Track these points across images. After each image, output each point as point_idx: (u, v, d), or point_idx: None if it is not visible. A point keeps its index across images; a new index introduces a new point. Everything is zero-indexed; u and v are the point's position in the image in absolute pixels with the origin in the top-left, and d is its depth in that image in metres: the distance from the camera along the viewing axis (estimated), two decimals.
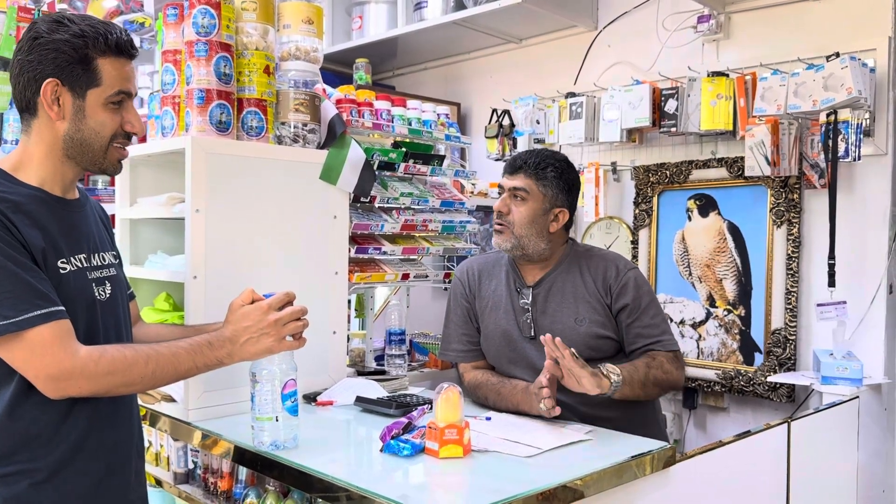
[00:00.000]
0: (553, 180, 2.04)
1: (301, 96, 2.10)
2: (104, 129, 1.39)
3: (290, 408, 1.59)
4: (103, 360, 1.30)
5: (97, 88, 1.36)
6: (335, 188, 2.14)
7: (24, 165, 1.38)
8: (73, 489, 1.36)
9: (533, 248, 2.04)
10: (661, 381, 1.94)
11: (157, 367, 1.36)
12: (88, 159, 1.40)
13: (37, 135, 1.38)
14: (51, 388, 1.28)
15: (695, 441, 2.98)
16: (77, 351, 1.28)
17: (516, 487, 1.36)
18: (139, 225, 2.19)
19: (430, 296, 3.48)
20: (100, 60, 1.36)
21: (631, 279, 2.05)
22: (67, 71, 1.34)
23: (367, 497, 1.33)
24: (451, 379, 2.07)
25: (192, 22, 1.91)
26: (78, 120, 1.36)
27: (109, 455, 1.42)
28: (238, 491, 1.98)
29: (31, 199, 1.34)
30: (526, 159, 2.06)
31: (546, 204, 2.04)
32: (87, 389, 1.30)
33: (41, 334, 1.25)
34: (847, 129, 2.43)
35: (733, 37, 2.92)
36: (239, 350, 1.48)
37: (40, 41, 1.34)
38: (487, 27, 3.47)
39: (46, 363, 1.26)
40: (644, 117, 2.92)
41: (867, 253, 2.57)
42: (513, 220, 2.03)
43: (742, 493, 1.89)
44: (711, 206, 2.94)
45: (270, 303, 1.52)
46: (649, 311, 2.04)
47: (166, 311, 2.03)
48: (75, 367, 1.27)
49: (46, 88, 1.33)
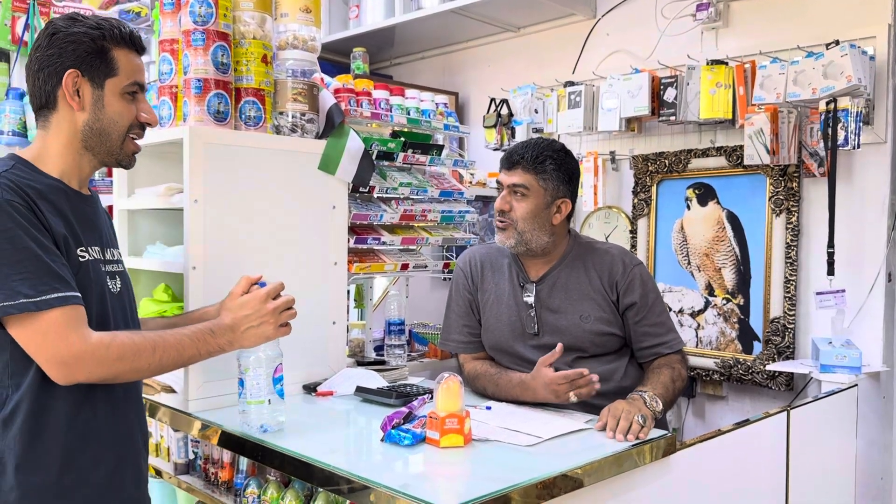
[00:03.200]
0: (552, 172, 2.01)
1: (299, 86, 2.09)
2: (122, 119, 1.44)
3: (279, 391, 1.65)
4: (114, 346, 1.32)
5: (114, 78, 1.42)
6: (334, 178, 2.13)
7: (43, 157, 1.42)
8: (87, 479, 1.37)
9: (536, 243, 2.03)
10: (680, 389, 1.97)
11: (164, 354, 1.39)
12: (106, 150, 1.44)
13: (55, 128, 1.42)
14: (61, 372, 1.29)
15: (693, 429, 2.99)
16: (89, 336, 1.30)
17: (517, 476, 1.36)
18: (137, 216, 2.19)
19: (430, 286, 3.48)
20: (115, 51, 1.42)
21: (637, 276, 2.04)
22: (87, 62, 1.39)
23: (369, 486, 1.34)
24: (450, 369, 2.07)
25: (188, 11, 1.89)
26: (97, 109, 1.41)
27: (120, 445, 1.44)
28: (239, 481, 1.98)
29: (52, 189, 1.38)
30: (523, 153, 2.02)
31: (547, 198, 2.02)
32: (97, 374, 1.32)
33: (56, 317, 1.26)
34: (846, 118, 2.42)
35: (732, 25, 2.91)
36: (240, 338, 1.53)
37: (59, 35, 1.39)
38: (485, 16, 3.45)
39: (58, 346, 1.27)
40: (643, 106, 2.91)
41: (866, 241, 2.57)
42: (515, 217, 2.01)
43: (742, 482, 1.90)
44: (710, 194, 2.94)
45: (269, 291, 1.58)
46: (656, 309, 2.04)
47: (165, 302, 2.03)
48: (86, 352, 1.29)
49: (67, 80, 1.38)
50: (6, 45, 2.45)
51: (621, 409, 1.69)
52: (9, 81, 2.50)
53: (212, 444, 1.93)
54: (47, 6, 2.52)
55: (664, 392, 1.87)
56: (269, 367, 1.62)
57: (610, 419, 1.67)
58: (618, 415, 1.67)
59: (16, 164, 1.38)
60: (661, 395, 1.84)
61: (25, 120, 2.42)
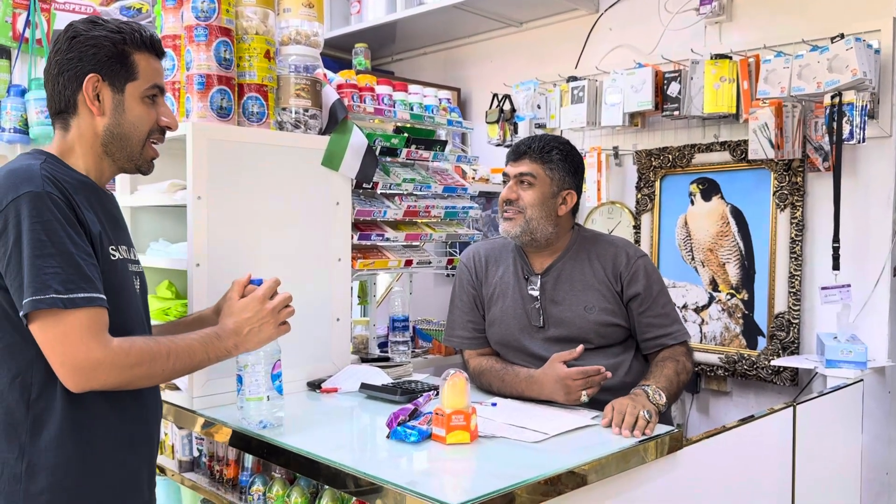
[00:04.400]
0: (559, 163, 2.03)
1: (302, 81, 2.07)
2: (142, 124, 1.43)
3: (278, 387, 1.66)
4: (133, 352, 1.30)
5: (135, 82, 1.41)
6: (337, 174, 2.13)
7: (68, 155, 1.41)
8: (110, 481, 1.37)
9: (541, 233, 2.03)
10: (685, 382, 1.97)
11: (177, 360, 1.38)
12: (126, 155, 1.44)
13: (76, 131, 1.41)
14: (75, 379, 1.26)
15: (698, 425, 2.98)
16: (109, 342, 1.28)
17: (524, 473, 1.36)
18: (140, 213, 2.18)
19: (433, 282, 3.47)
20: (136, 55, 1.41)
21: (641, 267, 2.04)
22: (107, 66, 1.38)
23: (375, 483, 1.33)
24: (454, 365, 2.07)
25: (191, 6, 1.88)
26: (118, 114, 1.40)
27: (142, 448, 1.45)
28: (244, 478, 1.98)
29: (83, 185, 1.38)
30: (529, 144, 2.05)
31: (554, 187, 2.03)
32: (112, 382, 1.29)
33: (79, 319, 1.24)
34: (851, 111, 2.41)
35: (736, 19, 2.89)
36: (244, 341, 1.53)
37: (79, 39, 1.38)
38: (487, 11, 3.44)
39: (77, 351, 1.24)
40: (646, 101, 2.90)
41: (871, 236, 2.56)
42: (523, 205, 2.02)
43: (748, 477, 1.89)
44: (714, 189, 2.93)
45: (264, 292, 1.57)
46: (660, 300, 2.04)
47: (169, 300, 2.02)
48: (106, 358, 1.26)
49: (88, 84, 1.37)
50: (7, 42, 2.45)
51: (626, 404, 1.68)
52: (10, 78, 2.49)
53: (217, 442, 1.92)
54: (48, 3, 2.51)
55: (668, 385, 1.86)
56: (267, 363, 1.63)
57: (616, 415, 1.66)
58: (623, 410, 1.66)
59: (47, 157, 1.37)
60: (665, 389, 1.83)
61: (27, 117, 2.42)
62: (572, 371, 1.83)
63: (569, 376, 1.83)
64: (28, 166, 1.30)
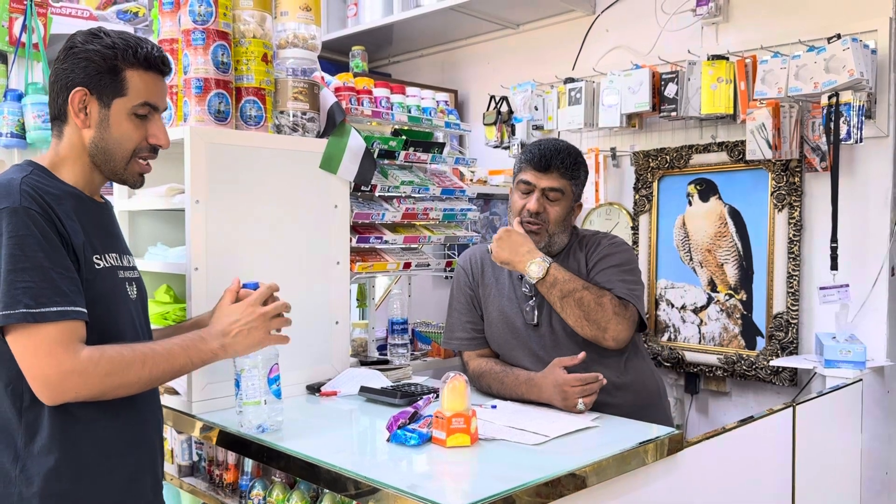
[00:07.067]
0: (583, 178, 2.10)
1: (300, 84, 2.07)
2: (126, 141, 1.43)
3: (275, 391, 1.65)
4: (103, 361, 1.30)
5: (122, 98, 1.41)
6: (336, 177, 2.13)
7: (58, 165, 1.42)
8: (108, 486, 1.37)
9: (558, 245, 2.09)
10: (586, 305, 1.92)
11: (154, 367, 1.37)
12: (110, 169, 1.45)
13: (67, 140, 1.42)
14: (46, 393, 1.27)
15: (697, 426, 2.98)
16: (79, 351, 1.28)
17: (524, 475, 1.35)
18: (138, 217, 2.18)
19: (432, 284, 3.47)
20: (128, 72, 1.40)
21: (606, 242, 2.09)
22: (96, 80, 1.39)
23: (376, 487, 1.33)
24: (453, 368, 2.07)
25: (188, 10, 1.88)
26: (102, 129, 1.41)
27: (140, 452, 1.45)
28: (244, 483, 1.98)
29: (68, 196, 1.38)
30: (562, 159, 2.05)
31: (573, 201, 2.09)
32: (85, 393, 1.29)
33: (50, 333, 1.25)
34: (849, 112, 2.41)
35: (733, 19, 2.90)
36: (231, 342, 1.52)
37: (74, 51, 1.39)
38: (484, 13, 3.44)
39: (46, 364, 1.25)
40: (644, 102, 2.90)
41: (869, 235, 2.57)
42: (547, 219, 2.05)
43: (748, 478, 1.89)
44: (712, 190, 2.93)
45: (257, 296, 1.57)
46: (620, 267, 2.03)
47: (167, 304, 2.02)
48: (75, 368, 1.26)
49: (74, 97, 1.38)
50: (4, 47, 2.44)
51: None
52: (6, 83, 2.49)
53: (216, 446, 1.92)
54: (45, 7, 2.50)
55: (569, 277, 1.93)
56: (264, 367, 1.62)
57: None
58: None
59: (34, 169, 1.38)
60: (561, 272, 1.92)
61: (24, 121, 2.41)
62: (570, 377, 1.83)
63: (567, 382, 1.83)
64: (9, 181, 1.32)
